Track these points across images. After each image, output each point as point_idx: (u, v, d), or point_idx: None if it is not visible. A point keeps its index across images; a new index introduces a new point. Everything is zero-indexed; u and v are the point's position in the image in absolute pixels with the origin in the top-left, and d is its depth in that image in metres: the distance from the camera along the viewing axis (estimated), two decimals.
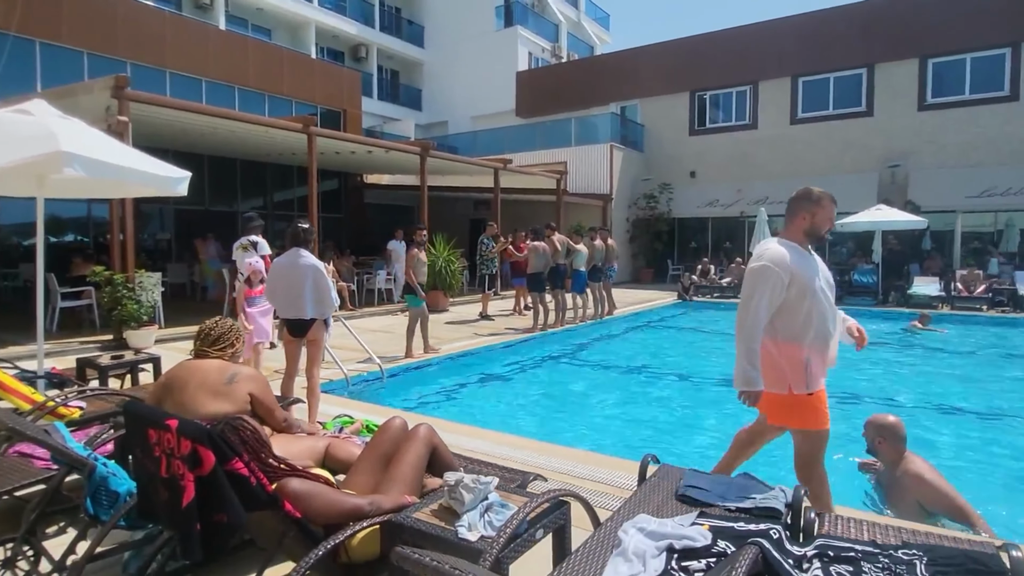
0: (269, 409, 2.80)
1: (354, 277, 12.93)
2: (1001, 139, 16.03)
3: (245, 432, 1.92)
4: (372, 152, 13.43)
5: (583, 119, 21.03)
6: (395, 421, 2.60)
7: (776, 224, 17.84)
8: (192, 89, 14.54)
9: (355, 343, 6.79)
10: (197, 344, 2.83)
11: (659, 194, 20.12)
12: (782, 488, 2.49)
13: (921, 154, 16.98)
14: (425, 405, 6.09)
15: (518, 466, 3.57)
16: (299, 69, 17.41)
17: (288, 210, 17.35)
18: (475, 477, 2.03)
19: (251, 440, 1.92)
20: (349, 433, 3.36)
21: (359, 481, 2.38)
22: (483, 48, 26.34)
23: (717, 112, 20.73)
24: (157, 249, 15.07)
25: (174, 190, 5.07)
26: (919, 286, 13.44)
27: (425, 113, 27.88)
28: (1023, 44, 15.85)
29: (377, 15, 25.66)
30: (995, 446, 5.10)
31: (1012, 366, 8.27)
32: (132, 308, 7.72)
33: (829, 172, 18.03)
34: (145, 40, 13.65)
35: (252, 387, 2.67)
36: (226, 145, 13.02)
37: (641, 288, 17.83)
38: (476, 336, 9.34)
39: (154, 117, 9.38)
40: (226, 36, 16.94)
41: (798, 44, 18.75)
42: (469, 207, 20.93)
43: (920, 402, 6.42)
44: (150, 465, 1.89)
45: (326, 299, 4.31)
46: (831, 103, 18.55)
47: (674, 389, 7.14)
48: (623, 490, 3.33)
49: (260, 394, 2.69)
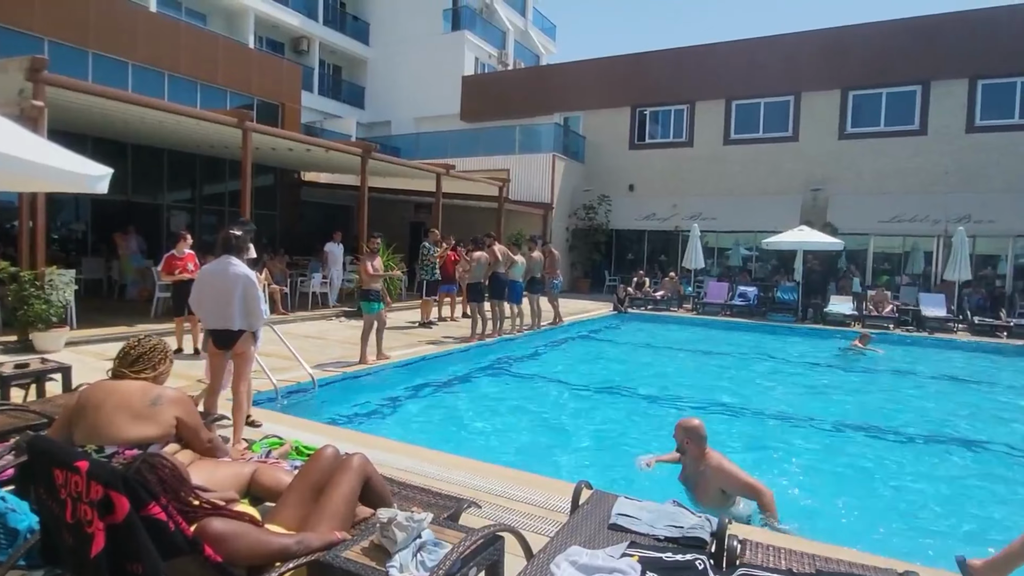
0: (195, 431, 2.67)
1: (287, 279, 12.50)
2: (909, 170, 17.34)
3: (163, 471, 1.81)
4: (311, 150, 13.04)
5: (527, 127, 21.20)
6: (327, 450, 2.53)
7: (708, 239, 18.63)
8: (117, 73, 13.67)
9: (286, 350, 6.55)
10: (115, 364, 2.66)
11: (598, 205, 20.54)
12: (707, 517, 2.59)
13: (840, 180, 18.13)
14: (358, 418, 5.95)
15: (452, 488, 3.55)
16: (235, 58, 16.70)
17: (219, 204, 16.60)
18: (408, 515, 2.00)
19: (169, 479, 1.81)
20: (277, 456, 3.24)
21: (287, 514, 2.30)
22: (430, 50, 26.14)
23: (656, 128, 21.39)
24: (71, 241, 14.06)
25: (92, 188, 4.72)
26: (835, 304, 14.32)
27: (368, 111, 27.36)
28: (931, 83, 17.22)
29: (321, 8, 24.99)
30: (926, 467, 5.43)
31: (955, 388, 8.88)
32: (40, 308, 7.16)
33: (757, 192, 18.98)
34: (66, 17, 12.72)
35: (179, 410, 2.53)
36: (153, 134, 12.31)
37: (578, 298, 18.14)
38: (416, 344, 9.22)
39: (74, 102, 8.75)
40: (156, 19, 16.04)
41: (732, 69, 19.63)
42: (410, 210, 20.67)
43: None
44: (54, 507, 1.75)
45: (255, 311, 4.13)
46: (761, 127, 19.53)
47: (607, 403, 7.29)
48: (558, 513, 3.36)
49: (186, 417, 2.55)
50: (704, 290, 16.54)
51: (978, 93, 16.81)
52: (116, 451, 2.37)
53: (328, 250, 13.08)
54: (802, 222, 16.64)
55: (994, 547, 3.03)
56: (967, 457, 5.74)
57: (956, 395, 8.42)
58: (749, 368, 9.80)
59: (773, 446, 5.78)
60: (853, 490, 4.77)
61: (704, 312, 15.38)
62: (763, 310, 15.01)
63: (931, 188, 16.95)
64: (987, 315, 13.60)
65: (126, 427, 2.39)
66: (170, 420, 2.47)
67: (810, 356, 10.93)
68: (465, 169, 17.63)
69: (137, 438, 2.37)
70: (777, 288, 15.54)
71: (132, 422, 2.43)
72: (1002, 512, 4.46)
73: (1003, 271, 16.63)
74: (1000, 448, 5.88)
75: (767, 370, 9.68)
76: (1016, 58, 16.21)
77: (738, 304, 15.12)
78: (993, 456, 5.74)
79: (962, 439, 6.25)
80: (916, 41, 17.29)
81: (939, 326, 13.18)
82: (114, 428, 2.39)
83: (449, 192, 15.90)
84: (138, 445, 2.40)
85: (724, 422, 6.37)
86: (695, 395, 7.75)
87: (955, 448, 5.98)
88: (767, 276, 18.05)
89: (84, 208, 14.15)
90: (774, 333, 13.43)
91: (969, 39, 16.70)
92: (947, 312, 13.59)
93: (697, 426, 4.05)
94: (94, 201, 13.94)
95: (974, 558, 2.79)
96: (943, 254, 15.74)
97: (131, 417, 2.43)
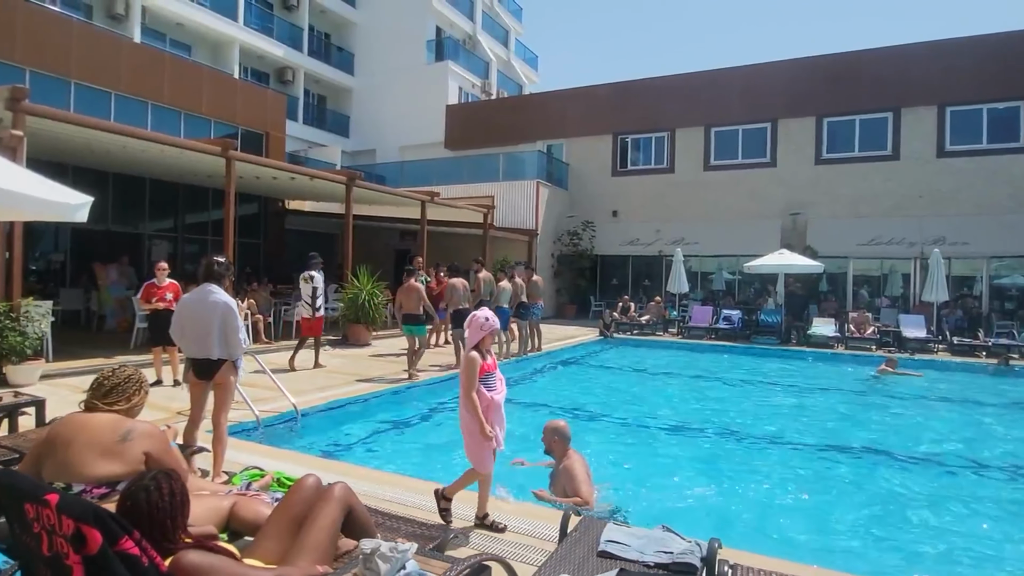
0: (165, 466, 2.59)
1: (272, 308, 12.37)
2: (884, 194, 17.76)
3: (176, 483, 1.94)
4: (296, 179, 13.05)
5: (511, 155, 21.44)
6: (308, 480, 2.47)
7: (691, 264, 18.83)
8: (100, 103, 13.64)
9: (269, 380, 6.45)
10: (88, 395, 2.59)
11: (582, 231, 20.71)
12: (697, 541, 2.56)
13: (818, 204, 18.50)
14: (341, 449, 5.84)
15: (438, 517, 3.48)
16: (220, 88, 16.77)
17: (202, 234, 16.47)
18: (392, 545, 1.95)
19: (179, 496, 1.93)
20: (258, 489, 3.16)
21: (267, 548, 2.23)
22: (414, 80, 26.47)
23: (638, 155, 21.74)
24: (49, 271, 13.84)
25: (72, 217, 4.67)
26: (818, 326, 14.47)
27: (352, 140, 27.51)
28: (902, 110, 17.76)
29: (306, 40, 25.26)
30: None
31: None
32: (15, 341, 6.99)
33: (738, 217, 19.28)
34: (48, 48, 12.72)
35: (148, 445, 2.45)
36: (135, 163, 12.26)
37: (565, 324, 18.14)
38: (402, 373, 9.12)
39: (55, 131, 8.70)
40: (140, 49, 16.09)
41: (710, 96, 20.11)
42: (395, 237, 20.68)
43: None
44: (29, 541, 1.69)
45: (233, 340, 4.06)
46: (740, 153, 19.93)
47: (595, 430, 7.23)
48: (546, 541, 3.30)
49: (157, 452, 2.47)
50: (689, 314, 16.65)
51: (947, 119, 17.35)
52: (84, 489, 2.30)
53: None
54: (783, 246, 16.90)
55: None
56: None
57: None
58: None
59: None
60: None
61: (689, 336, 15.45)
62: (747, 333, 15.12)
63: (906, 212, 17.35)
64: (965, 335, 13.82)
65: (94, 465, 2.32)
66: (138, 456, 2.40)
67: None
68: (450, 196, 17.72)
69: (105, 475, 2.31)
70: (760, 311, 15.68)
71: (100, 459, 2.36)
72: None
73: (979, 292, 16.97)
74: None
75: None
76: (981, 86, 16.81)
77: (723, 327, 15.22)
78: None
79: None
80: (886, 69, 17.87)
81: (919, 347, 13.36)
82: (82, 466, 2.32)
83: (435, 219, 15.95)
84: (106, 483, 2.33)
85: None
86: (703, 421, 7.74)
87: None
88: (751, 300, 18.22)
89: (63, 238, 13.96)
90: (761, 356, 13.51)
91: (937, 68, 17.30)
92: (927, 333, 13.79)
93: (562, 427, 4.48)
94: (74, 230, 13.78)
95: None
96: (920, 276, 16.05)
97: (99, 454, 2.36)
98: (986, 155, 16.81)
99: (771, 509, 4.80)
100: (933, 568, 3.83)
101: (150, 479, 1.93)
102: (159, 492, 1.90)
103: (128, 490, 1.92)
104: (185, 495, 2.00)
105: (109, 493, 2.33)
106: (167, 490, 1.92)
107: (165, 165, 12.20)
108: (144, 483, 1.91)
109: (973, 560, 3.94)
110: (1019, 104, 16.62)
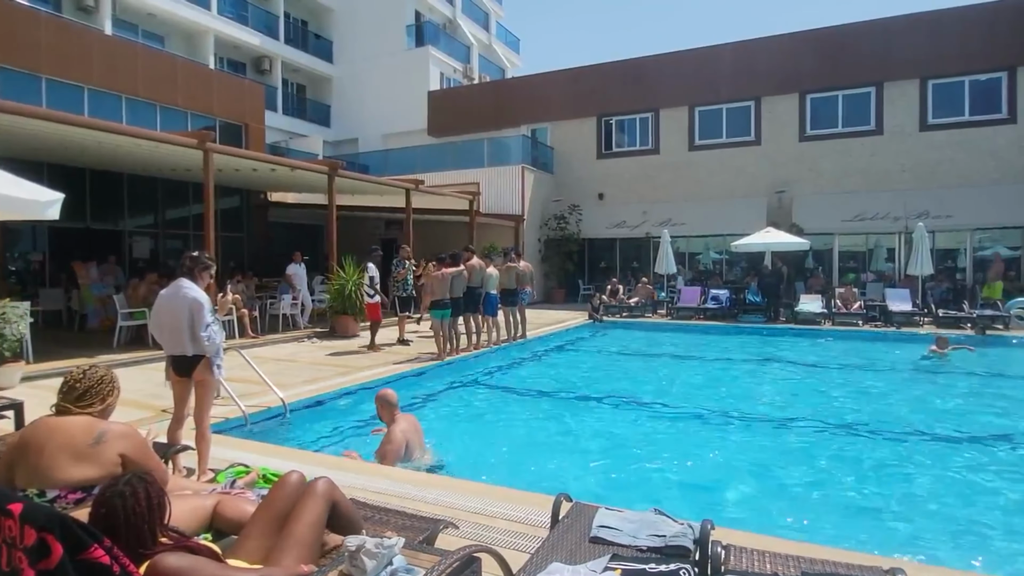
0: (141, 467, 2.52)
1: (256, 302, 12.21)
2: (869, 169, 17.81)
3: (152, 486, 1.88)
4: (276, 170, 12.83)
5: (495, 140, 21.25)
6: (291, 476, 2.40)
7: (679, 245, 18.84)
8: (72, 98, 13.30)
9: (255, 375, 6.36)
10: (59, 398, 2.50)
11: (569, 215, 20.64)
12: (690, 524, 2.53)
13: (803, 181, 18.53)
14: (330, 443, 5.78)
15: (428, 508, 3.44)
16: (195, 80, 16.41)
17: (183, 228, 16.20)
18: (378, 541, 1.90)
19: (155, 500, 1.88)
20: (243, 486, 3.09)
21: (251, 547, 2.17)
22: (394, 66, 26.11)
23: (623, 136, 21.63)
24: (27, 271, 13.57)
25: (42, 214, 4.56)
26: (805, 303, 14.54)
27: (334, 130, 27.17)
28: (884, 84, 17.76)
29: (282, 27, 24.81)
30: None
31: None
32: None
33: (724, 196, 19.28)
34: (16, 42, 12.35)
35: (123, 446, 2.36)
36: (112, 159, 11.98)
37: (554, 308, 18.12)
38: (391, 363, 9.05)
39: (27, 128, 8.46)
40: (111, 42, 15.69)
41: (693, 76, 20.01)
42: (380, 226, 20.48)
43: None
44: None
45: (198, 335, 3.95)
46: (724, 132, 19.88)
47: (588, 414, 7.22)
48: (538, 528, 3.27)
49: (133, 453, 2.39)
50: (677, 295, 16.68)
51: (929, 93, 17.38)
52: (58, 495, 2.22)
53: (291, 272, 12.84)
54: (768, 224, 16.93)
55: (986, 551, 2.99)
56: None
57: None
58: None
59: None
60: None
61: (678, 316, 15.49)
62: (735, 312, 15.17)
63: (890, 186, 17.42)
64: (951, 307, 13.96)
65: (67, 469, 2.25)
66: (113, 458, 2.32)
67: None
68: (435, 184, 17.55)
69: (79, 480, 2.23)
70: (747, 290, 15.74)
71: (74, 463, 2.28)
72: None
73: (963, 264, 17.12)
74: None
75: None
76: (963, 58, 16.83)
77: (711, 307, 15.26)
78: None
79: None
80: (868, 44, 17.84)
81: (906, 320, 13.47)
82: (55, 471, 2.24)
83: (420, 207, 15.80)
84: (80, 488, 2.26)
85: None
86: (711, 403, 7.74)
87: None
88: (739, 279, 18.28)
89: (41, 237, 13.68)
90: (746, 334, 13.58)
91: (918, 41, 17.29)
92: (913, 306, 13.90)
93: (388, 394, 4.97)
94: (52, 230, 13.49)
95: None
96: (905, 250, 16.14)
97: (72, 458, 2.28)
98: (968, 127, 16.87)
99: (766, 486, 4.81)
100: (936, 538, 3.86)
101: (124, 483, 1.85)
102: (134, 497, 1.83)
103: (102, 496, 1.85)
104: (162, 498, 1.93)
105: (85, 498, 2.25)
106: (143, 494, 1.86)
107: (142, 160, 11.94)
108: (118, 488, 1.84)
109: (956, 532, 3.97)
110: (1001, 75, 16.67)
